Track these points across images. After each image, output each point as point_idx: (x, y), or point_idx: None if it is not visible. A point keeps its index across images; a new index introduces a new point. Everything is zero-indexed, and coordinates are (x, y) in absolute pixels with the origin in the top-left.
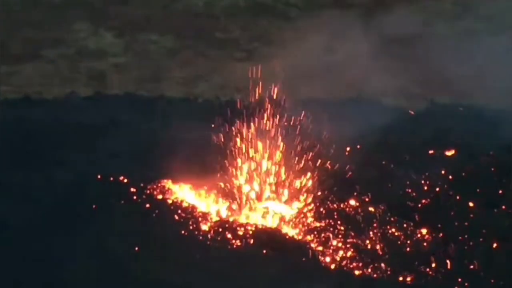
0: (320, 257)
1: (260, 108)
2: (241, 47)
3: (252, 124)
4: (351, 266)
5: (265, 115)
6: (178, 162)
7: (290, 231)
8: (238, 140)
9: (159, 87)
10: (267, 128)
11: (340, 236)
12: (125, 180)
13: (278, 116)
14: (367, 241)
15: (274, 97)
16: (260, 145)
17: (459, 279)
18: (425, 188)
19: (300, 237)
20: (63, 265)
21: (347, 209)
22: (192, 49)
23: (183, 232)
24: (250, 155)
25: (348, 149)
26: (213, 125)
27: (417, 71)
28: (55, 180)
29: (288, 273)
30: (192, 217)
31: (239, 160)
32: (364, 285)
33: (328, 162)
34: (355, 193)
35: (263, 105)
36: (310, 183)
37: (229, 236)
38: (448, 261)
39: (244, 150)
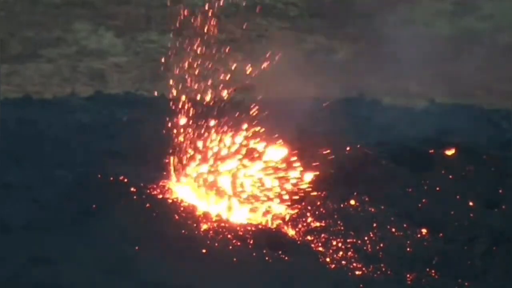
0: (320, 257)
1: (260, 107)
2: (241, 47)
3: (252, 124)
4: (351, 266)
5: (265, 115)
6: (178, 162)
7: (290, 231)
8: (238, 139)
9: (159, 87)
10: (267, 128)
11: (340, 236)
12: (125, 180)
13: (277, 116)
14: (367, 241)
15: (274, 96)
16: (260, 144)
17: (459, 279)
18: (425, 188)
19: (300, 237)
20: (63, 265)
21: (347, 209)
22: (192, 49)
23: (183, 232)
24: (250, 155)
25: (348, 148)
26: (213, 125)
27: (417, 71)
28: (55, 180)
29: (288, 273)
30: (192, 217)
31: (239, 160)
32: (364, 285)
33: (328, 161)
34: (355, 193)
35: (263, 105)
36: (310, 183)
37: (229, 236)
38: (448, 261)
39: (243, 150)
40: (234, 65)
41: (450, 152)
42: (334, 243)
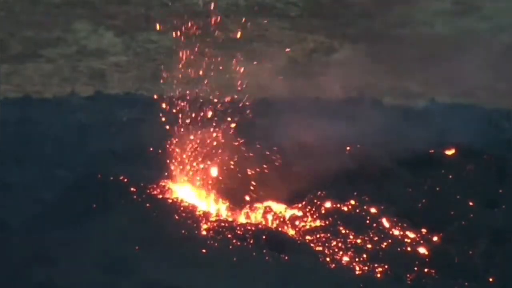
0: (320, 257)
1: (260, 107)
2: (241, 47)
3: (251, 124)
4: (351, 266)
5: (265, 115)
6: (178, 161)
7: (290, 231)
8: (237, 139)
9: (159, 86)
10: (267, 128)
11: (340, 236)
12: (125, 180)
13: (277, 115)
14: (367, 241)
15: (274, 96)
16: (259, 144)
17: (459, 279)
18: (425, 188)
19: (300, 237)
20: (63, 264)
21: (347, 209)
22: (192, 49)
23: (183, 232)
24: (250, 155)
25: (348, 148)
26: (213, 125)
27: (417, 71)
28: (55, 180)
29: (288, 273)
30: (192, 217)
31: (238, 160)
32: (364, 285)
33: (328, 161)
34: (355, 193)
35: (263, 104)
36: (310, 183)
37: (229, 236)
38: (448, 261)
39: (243, 150)
40: (234, 65)
41: (450, 152)
42: (334, 243)
